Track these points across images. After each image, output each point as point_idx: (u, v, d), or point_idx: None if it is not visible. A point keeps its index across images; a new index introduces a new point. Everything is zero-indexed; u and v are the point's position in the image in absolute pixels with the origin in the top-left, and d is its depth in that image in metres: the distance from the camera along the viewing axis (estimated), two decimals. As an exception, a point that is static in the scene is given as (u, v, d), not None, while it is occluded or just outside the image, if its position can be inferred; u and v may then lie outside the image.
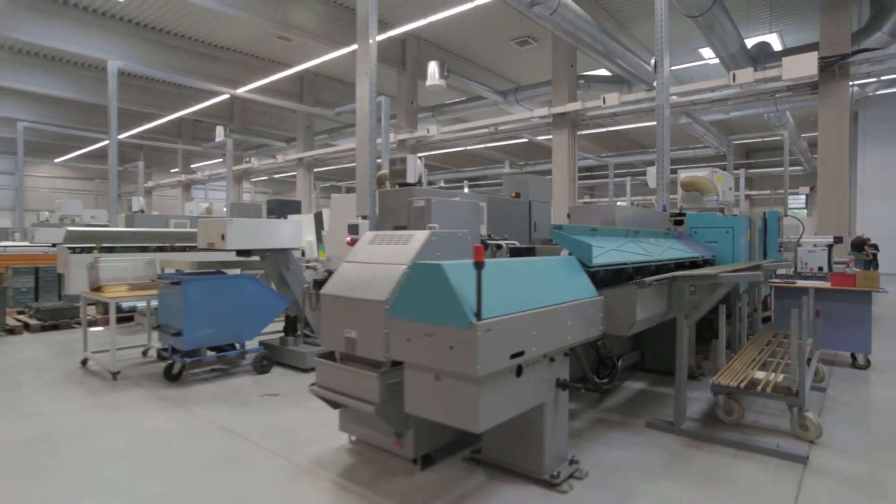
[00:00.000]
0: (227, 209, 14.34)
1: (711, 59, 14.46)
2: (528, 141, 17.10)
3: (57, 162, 28.24)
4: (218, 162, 27.22)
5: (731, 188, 6.78)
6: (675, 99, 11.74)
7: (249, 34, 14.98)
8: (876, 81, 13.07)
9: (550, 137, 14.06)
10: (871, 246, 12.59)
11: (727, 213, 6.62)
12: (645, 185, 26.73)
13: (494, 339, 2.51)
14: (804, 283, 6.03)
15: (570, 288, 3.24)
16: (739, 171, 18.23)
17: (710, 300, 4.15)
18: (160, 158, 29.07)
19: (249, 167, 22.98)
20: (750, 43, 12.32)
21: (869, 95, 15.77)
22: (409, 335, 2.69)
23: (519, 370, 2.80)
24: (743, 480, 3.23)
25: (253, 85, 15.14)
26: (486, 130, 15.21)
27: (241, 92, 13.98)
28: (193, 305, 5.14)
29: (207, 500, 3.00)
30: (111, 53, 13.14)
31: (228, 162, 15.40)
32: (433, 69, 13.03)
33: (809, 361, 4.59)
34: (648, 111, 12.32)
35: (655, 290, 3.75)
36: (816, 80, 9.68)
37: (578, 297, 3.25)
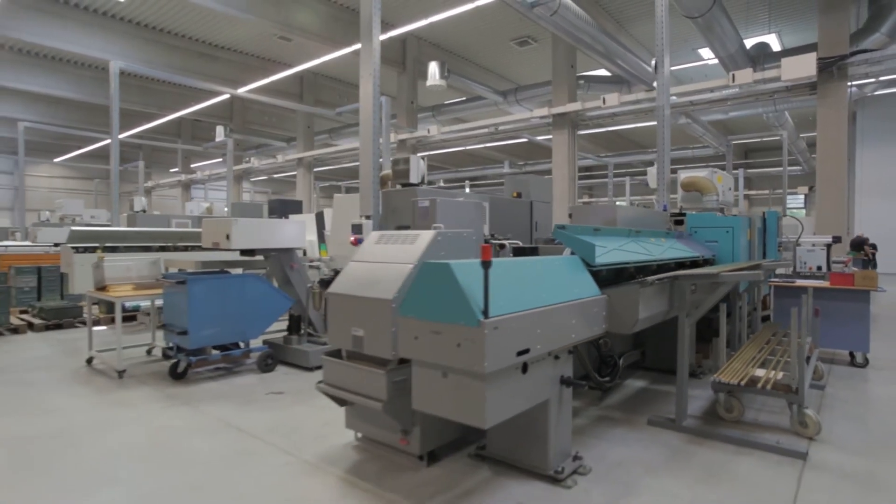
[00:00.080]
0: (228, 209, 14.38)
1: (711, 59, 14.52)
2: (527, 141, 17.15)
3: (56, 162, 28.27)
4: (217, 162, 27.24)
5: (730, 188, 6.84)
6: (674, 99, 11.80)
7: (250, 34, 15.01)
8: (874, 82, 13.14)
9: (550, 137, 14.11)
10: (870, 245, 12.68)
11: (727, 213, 6.69)
12: (644, 184, 26.79)
13: (501, 336, 2.56)
14: (803, 282, 6.09)
15: (573, 287, 3.30)
16: (738, 170, 18.29)
17: (710, 299, 4.21)
18: (159, 158, 29.07)
19: (249, 167, 23.00)
20: (749, 43, 12.37)
21: (867, 96, 15.85)
22: (416, 333, 2.74)
23: (524, 367, 2.85)
24: (744, 476, 3.29)
25: (253, 85, 15.17)
26: (486, 130, 15.25)
27: (241, 92, 14.03)
28: (199, 304, 5.19)
29: (219, 494, 3.05)
30: (112, 53, 13.17)
31: (229, 162, 15.44)
32: (434, 69, 13.07)
33: (809, 360, 4.65)
34: (648, 111, 12.39)
35: (657, 289, 3.80)
36: (815, 80, 9.75)
37: (582, 295, 3.30)
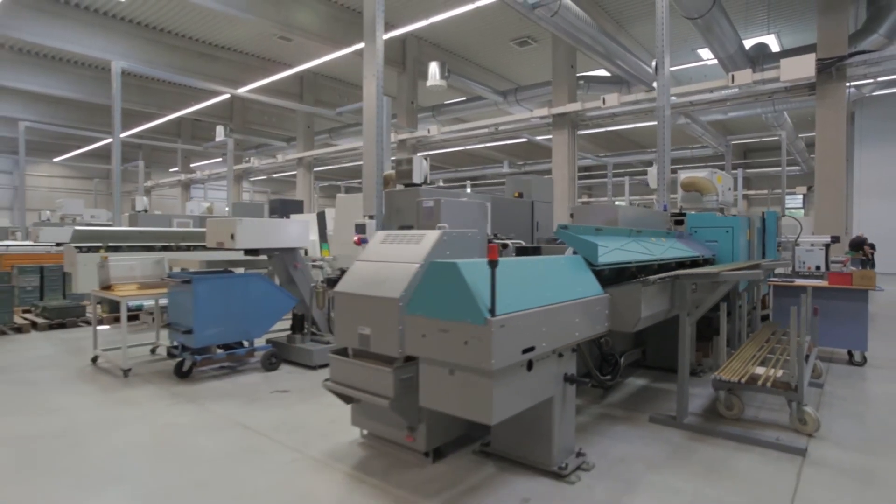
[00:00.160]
0: (229, 209, 14.42)
1: (710, 59, 14.59)
2: (527, 141, 17.20)
3: (56, 161, 28.27)
4: (217, 161, 27.25)
5: (730, 188, 6.91)
6: (674, 100, 11.85)
7: (250, 34, 15.04)
8: (872, 82, 13.20)
9: (550, 137, 14.17)
10: (869, 245, 12.75)
11: (726, 212, 6.75)
12: (643, 184, 26.85)
13: (507, 334, 2.61)
14: (802, 281, 6.14)
15: (576, 286, 3.35)
16: (737, 170, 18.35)
17: (711, 298, 4.26)
18: (159, 158, 29.08)
19: (249, 167, 23.03)
20: (748, 44, 12.43)
21: (866, 96, 15.93)
22: (424, 331, 2.79)
23: (530, 365, 2.90)
24: (744, 471, 3.34)
25: (253, 85, 15.21)
26: (486, 130, 15.30)
27: (241, 92, 14.07)
28: (204, 304, 5.23)
29: (227, 491, 3.10)
30: (112, 53, 13.19)
31: (229, 161, 15.48)
32: (434, 69, 13.11)
33: (808, 358, 4.71)
34: (648, 111, 12.45)
35: (659, 288, 3.86)
36: (814, 81, 9.82)
37: (585, 294, 3.35)
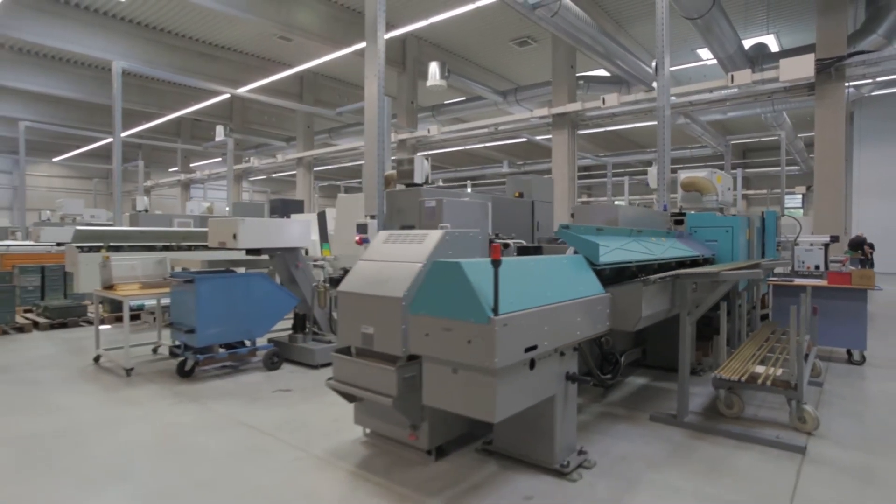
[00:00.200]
0: (229, 209, 14.43)
1: (709, 60, 14.61)
2: (526, 140, 17.22)
3: (55, 161, 28.26)
4: (216, 161, 27.25)
5: (729, 188, 6.93)
6: (673, 100, 11.88)
7: (250, 34, 15.05)
8: (871, 83, 13.23)
9: (549, 137, 14.19)
10: (868, 245, 12.78)
11: (726, 212, 6.78)
12: (642, 184, 26.90)
13: (510, 333, 2.64)
14: (801, 281, 6.17)
15: (578, 285, 3.37)
16: (736, 170, 18.38)
17: (711, 297, 4.29)
18: (158, 158, 29.08)
19: (249, 166, 23.03)
20: (747, 44, 12.46)
21: (864, 96, 15.95)
22: (427, 330, 2.82)
23: (532, 363, 2.93)
24: (744, 469, 3.37)
25: (253, 85, 15.21)
26: (486, 130, 15.31)
27: (241, 92, 14.08)
28: (206, 303, 5.25)
29: (232, 489, 3.12)
30: (113, 53, 13.20)
31: (229, 161, 15.48)
32: (434, 69, 13.12)
33: (807, 357, 4.73)
34: (647, 111, 12.47)
35: (659, 287, 3.88)
36: (813, 81, 9.84)
37: (586, 293, 3.38)
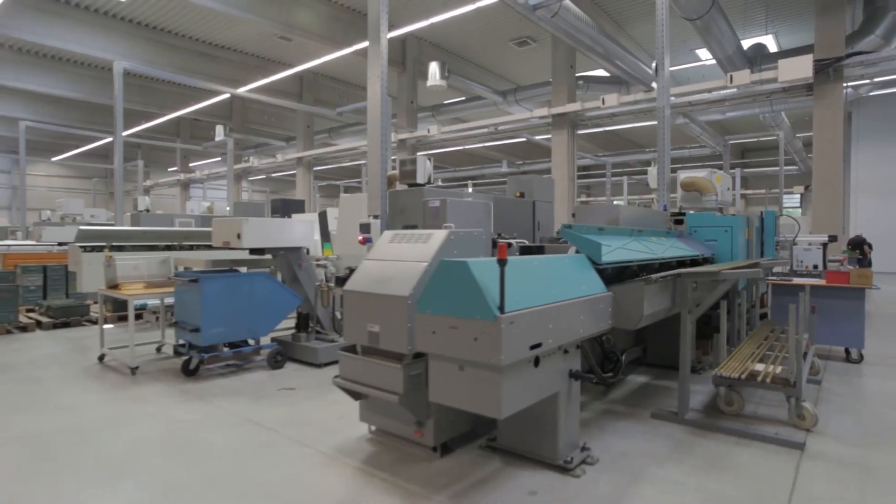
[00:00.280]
0: (230, 208, 14.46)
1: (708, 60, 14.68)
2: (526, 140, 17.27)
3: (54, 161, 28.24)
4: (216, 161, 27.26)
5: (729, 188, 6.99)
6: (673, 100, 11.93)
7: (250, 34, 15.08)
8: (869, 83, 13.30)
9: (549, 137, 14.23)
10: (867, 245, 12.86)
11: (725, 212, 6.83)
12: (641, 184, 26.98)
13: (516, 330, 2.69)
14: (800, 280, 6.23)
15: (581, 284, 3.43)
16: (735, 170, 18.44)
17: (711, 296, 4.34)
18: (157, 157, 29.09)
19: (248, 166, 23.05)
20: (746, 44, 12.52)
21: (862, 96, 16.03)
22: (434, 328, 2.86)
23: (537, 361, 2.98)
24: (745, 465, 3.43)
25: (253, 85, 15.24)
26: (485, 130, 15.35)
27: (241, 91, 14.10)
28: (211, 302, 5.29)
29: (241, 484, 3.17)
30: (113, 53, 13.22)
31: (229, 161, 15.51)
32: (434, 69, 13.16)
33: (805, 355, 4.79)
34: (647, 111, 12.52)
35: (660, 286, 3.94)
36: (811, 81, 9.90)
37: (589, 292, 3.43)
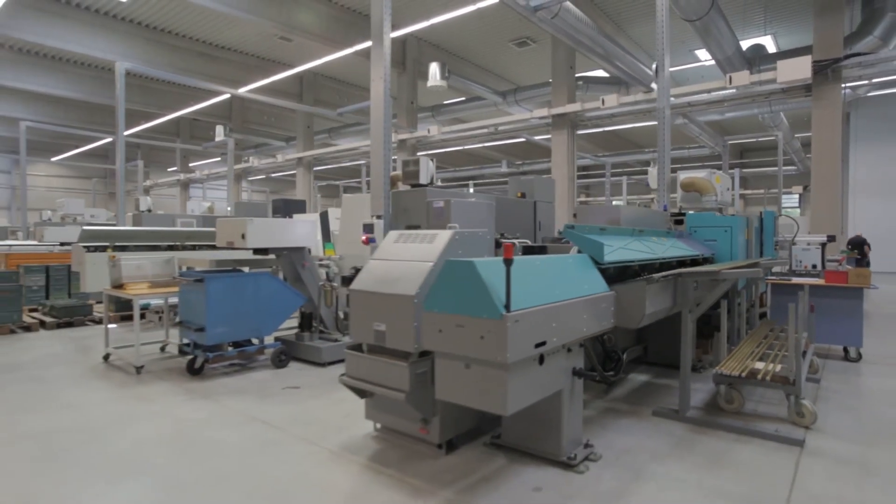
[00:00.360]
0: (231, 209, 14.49)
1: (707, 60, 14.74)
2: (525, 140, 17.32)
3: (54, 161, 28.24)
4: (215, 161, 27.28)
5: (728, 188, 7.05)
6: (672, 101, 11.98)
7: (251, 34, 15.11)
8: (867, 84, 13.38)
9: (549, 137, 14.28)
10: (867, 245, 12.92)
11: (725, 212, 6.89)
12: (640, 184, 27.05)
13: (521, 329, 2.74)
14: (799, 280, 6.28)
15: (584, 283, 3.48)
16: (734, 170, 18.51)
17: (711, 296, 4.40)
18: (157, 157, 29.10)
19: (248, 166, 23.07)
20: (745, 45, 12.59)
21: (861, 97, 16.10)
22: (440, 327, 2.91)
23: (541, 359, 3.03)
24: (745, 461, 3.48)
25: (253, 85, 15.26)
26: (485, 130, 15.39)
27: (241, 92, 14.13)
28: (216, 302, 5.34)
29: (248, 480, 3.21)
30: (114, 53, 13.25)
31: (230, 161, 15.54)
32: (434, 70, 13.19)
33: (805, 354, 4.84)
34: (646, 112, 12.58)
35: (662, 285, 3.99)
36: (810, 82, 9.96)
37: (592, 291, 3.48)
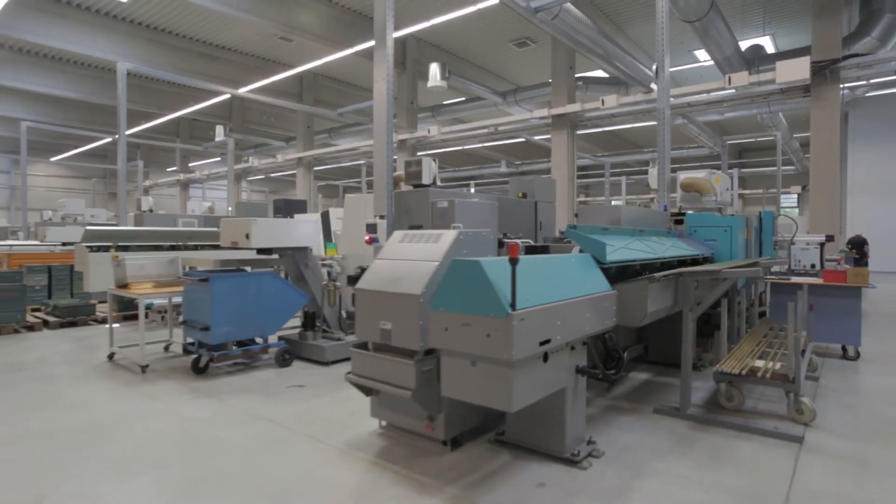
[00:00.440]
0: (232, 209, 14.52)
1: (706, 61, 14.80)
2: (525, 140, 17.37)
3: (53, 161, 28.24)
4: (215, 161, 27.30)
5: (728, 188, 7.11)
6: (672, 101, 12.03)
7: (251, 35, 15.14)
8: (865, 84, 13.45)
9: (548, 137, 14.33)
10: (867, 245, 12.99)
11: (724, 212, 6.94)
12: (640, 184, 27.12)
13: (527, 327, 2.79)
14: (798, 279, 6.34)
15: (586, 282, 3.53)
16: (733, 170, 18.57)
17: (711, 295, 4.45)
18: (156, 157, 29.12)
19: (248, 166, 23.10)
20: (744, 45, 12.65)
21: (859, 97, 16.18)
22: (447, 325, 2.96)
23: (545, 357, 3.08)
24: (745, 458, 3.54)
25: (254, 85, 15.29)
26: (485, 131, 15.44)
27: (241, 92, 14.16)
28: (221, 301, 5.38)
29: (255, 478, 3.26)
30: (114, 54, 13.28)
31: (230, 161, 15.57)
32: (434, 70, 13.23)
33: (804, 352, 4.90)
34: (646, 112, 12.63)
35: (663, 285, 4.04)
36: (808, 83, 10.03)
37: (595, 290, 3.53)
